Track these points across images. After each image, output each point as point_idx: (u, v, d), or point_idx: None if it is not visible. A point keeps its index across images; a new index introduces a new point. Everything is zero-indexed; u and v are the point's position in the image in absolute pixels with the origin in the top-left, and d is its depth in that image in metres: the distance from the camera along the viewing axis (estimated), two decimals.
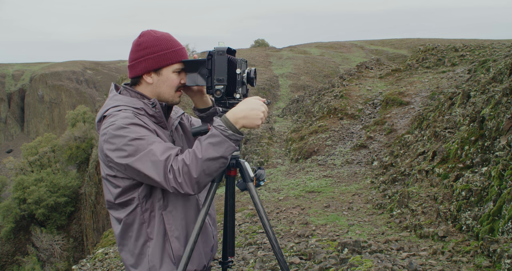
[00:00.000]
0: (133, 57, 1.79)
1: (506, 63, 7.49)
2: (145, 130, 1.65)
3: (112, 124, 1.64)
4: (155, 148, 1.60)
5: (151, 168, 1.57)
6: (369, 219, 5.90)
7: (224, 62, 1.79)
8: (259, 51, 37.20)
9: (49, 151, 34.10)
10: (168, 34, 1.82)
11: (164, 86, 1.80)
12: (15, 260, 27.18)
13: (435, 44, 18.61)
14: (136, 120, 1.66)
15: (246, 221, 6.52)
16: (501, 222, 3.87)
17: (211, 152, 1.59)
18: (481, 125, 5.49)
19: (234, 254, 2.12)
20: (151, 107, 1.77)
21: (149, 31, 1.81)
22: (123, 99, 1.78)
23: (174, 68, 1.79)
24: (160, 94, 1.82)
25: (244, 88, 1.87)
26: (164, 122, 1.83)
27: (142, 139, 1.61)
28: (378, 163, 8.82)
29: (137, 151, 1.59)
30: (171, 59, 1.77)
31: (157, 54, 1.75)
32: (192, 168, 1.56)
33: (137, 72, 1.79)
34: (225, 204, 2.04)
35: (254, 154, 12.27)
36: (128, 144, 1.60)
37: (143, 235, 1.75)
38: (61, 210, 29.32)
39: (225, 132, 1.62)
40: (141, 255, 1.77)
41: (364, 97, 13.14)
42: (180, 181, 1.56)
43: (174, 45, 1.79)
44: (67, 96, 54.63)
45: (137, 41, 1.80)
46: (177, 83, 1.81)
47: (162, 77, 1.79)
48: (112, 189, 1.74)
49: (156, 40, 1.77)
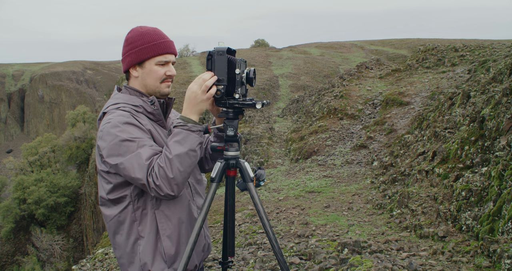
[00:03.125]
0: (122, 52, 1.88)
1: (506, 63, 7.49)
2: (138, 131, 1.70)
3: (108, 122, 1.71)
4: (143, 152, 1.65)
5: (137, 170, 1.63)
6: (369, 219, 5.90)
7: (224, 63, 1.80)
8: (259, 51, 37.21)
9: (49, 151, 34.09)
10: (155, 29, 1.87)
11: (149, 78, 1.84)
12: (15, 260, 27.18)
13: (435, 44, 18.60)
14: (131, 119, 1.72)
15: (246, 221, 6.52)
16: (501, 222, 3.87)
17: (178, 148, 1.65)
18: (481, 125, 5.49)
19: (234, 254, 2.12)
20: (149, 105, 1.83)
21: (137, 27, 1.88)
22: (122, 97, 1.85)
23: (157, 60, 1.82)
24: (147, 86, 1.86)
25: (244, 88, 1.87)
26: (162, 121, 1.89)
27: (133, 140, 1.66)
28: (378, 163, 8.82)
29: (126, 152, 1.65)
30: (151, 52, 1.81)
31: (139, 48, 1.81)
32: (167, 169, 1.62)
33: (125, 67, 1.87)
34: (225, 204, 2.04)
35: (254, 154, 12.27)
36: (119, 144, 1.66)
37: (134, 233, 1.77)
38: (61, 210, 29.31)
39: (185, 126, 1.70)
40: (132, 253, 1.78)
41: (364, 98, 13.13)
42: (158, 183, 1.62)
43: (157, 38, 1.83)
44: (67, 97, 54.62)
45: (126, 37, 1.88)
46: (161, 75, 1.85)
47: (146, 70, 1.84)
48: (105, 185, 1.78)
49: (140, 35, 1.83)
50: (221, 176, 1.93)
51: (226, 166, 1.95)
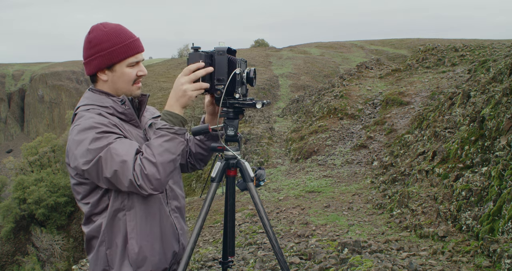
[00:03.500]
0: (85, 55, 1.73)
1: (506, 63, 7.49)
2: (107, 134, 1.60)
3: (78, 124, 1.61)
4: (117, 148, 1.56)
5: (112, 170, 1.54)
6: (369, 219, 5.90)
7: (224, 62, 1.79)
8: (259, 51, 37.24)
9: (49, 151, 34.08)
10: (119, 26, 1.74)
11: (120, 82, 1.73)
12: (15, 260, 27.17)
13: (435, 44, 18.61)
14: (101, 119, 1.62)
15: (246, 221, 6.52)
16: (501, 222, 3.87)
17: (162, 153, 1.58)
18: (481, 125, 5.49)
19: (234, 254, 2.12)
20: (120, 105, 1.72)
21: (99, 25, 1.73)
22: (92, 97, 1.74)
23: (128, 62, 1.72)
24: (118, 90, 1.75)
25: (244, 88, 1.87)
26: (136, 120, 1.78)
27: (101, 142, 1.56)
28: (378, 163, 8.82)
29: (94, 155, 1.55)
30: (122, 55, 1.69)
31: (107, 51, 1.68)
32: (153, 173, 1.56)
33: (91, 71, 1.74)
34: (225, 204, 2.04)
35: (254, 154, 12.27)
36: (87, 148, 1.56)
37: (102, 238, 1.70)
38: (61, 210, 29.28)
39: (171, 129, 1.62)
40: (99, 257, 1.72)
41: (364, 97, 13.14)
42: (139, 183, 1.54)
43: (124, 39, 1.70)
44: (67, 96, 54.64)
45: (87, 38, 1.72)
46: (133, 77, 1.74)
47: (116, 74, 1.72)
48: (76, 187, 1.72)
49: (105, 36, 1.68)
50: (221, 175, 1.93)
51: (226, 165, 1.95)
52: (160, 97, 24.87)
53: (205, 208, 1.83)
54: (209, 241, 6.08)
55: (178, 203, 1.88)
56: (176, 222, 1.84)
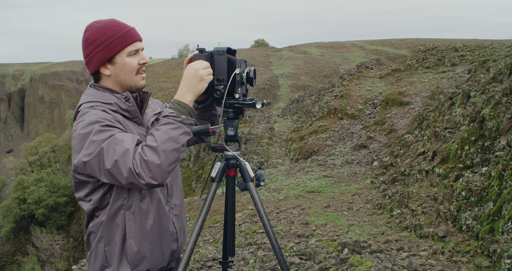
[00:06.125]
0: (85, 54, 1.73)
1: (506, 63, 7.49)
2: (110, 127, 1.59)
3: (82, 120, 1.61)
4: (119, 146, 1.55)
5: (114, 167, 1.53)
6: (369, 219, 5.90)
7: (224, 62, 1.79)
8: (259, 51, 37.24)
9: (49, 151, 34.09)
10: (112, 20, 1.75)
11: (123, 73, 1.73)
12: (15, 260, 27.17)
13: (435, 44, 18.62)
14: (105, 115, 1.62)
15: (246, 221, 6.52)
16: (501, 222, 3.87)
17: (167, 141, 1.56)
18: (481, 125, 5.49)
19: (234, 254, 2.12)
20: (124, 102, 1.71)
21: (93, 23, 1.74)
22: (95, 94, 1.73)
23: (127, 52, 1.71)
24: (122, 82, 1.74)
25: (244, 88, 1.87)
26: (139, 118, 1.77)
27: (104, 135, 1.56)
28: (378, 163, 8.82)
29: (96, 146, 1.55)
30: (119, 45, 1.69)
31: (104, 45, 1.68)
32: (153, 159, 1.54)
33: (93, 68, 1.73)
34: (225, 204, 2.04)
35: (254, 154, 12.27)
36: (90, 139, 1.55)
37: (101, 235, 1.70)
38: (61, 210, 29.29)
39: (178, 118, 1.61)
40: (98, 254, 1.72)
41: (364, 97, 13.14)
42: (138, 171, 1.52)
43: (119, 30, 1.71)
44: (67, 96, 54.66)
45: (83, 37, 1.73)
46: (135, 65, 1.73)
47: (118, 65, 1.72)
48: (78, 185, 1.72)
49: (100, 31, 1.69)
50: (222, 175, 1.93)
51: (226, 165, 1.95)
52: (160, 97, 24.86)
53: (205, 208, 1.84)
54: (209, 241, 6.08)
55: (177, 200, 1.87)
56: (175, 221, 1.83)
